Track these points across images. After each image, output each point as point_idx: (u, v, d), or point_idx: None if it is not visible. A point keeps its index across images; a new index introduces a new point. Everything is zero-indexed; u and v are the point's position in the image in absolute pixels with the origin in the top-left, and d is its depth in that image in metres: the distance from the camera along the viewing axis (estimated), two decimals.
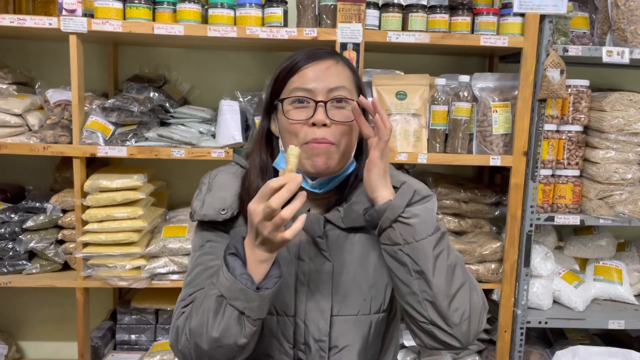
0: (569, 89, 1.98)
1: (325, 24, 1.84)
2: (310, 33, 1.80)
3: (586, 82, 2.00)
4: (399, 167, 2.03)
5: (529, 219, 1.91)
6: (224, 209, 1.08)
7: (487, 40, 1.84)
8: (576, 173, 2.02)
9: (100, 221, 1.83)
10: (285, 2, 1.85)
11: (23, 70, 2.14)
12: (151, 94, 1.96)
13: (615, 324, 1.98)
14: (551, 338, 2.30)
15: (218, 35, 1.78)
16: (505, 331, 1.98)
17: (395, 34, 1.83)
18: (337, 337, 1.08)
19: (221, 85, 2.26)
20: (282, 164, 1.10)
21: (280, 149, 1.12)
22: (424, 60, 2.29)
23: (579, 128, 2.01)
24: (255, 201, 0.91)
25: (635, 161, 1.98)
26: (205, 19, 1.85)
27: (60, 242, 1.97)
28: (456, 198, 2.04)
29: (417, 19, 1.86)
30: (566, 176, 2.01)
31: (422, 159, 1.88)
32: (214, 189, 1.11)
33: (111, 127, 1.89)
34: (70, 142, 1.84)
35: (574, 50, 1.87)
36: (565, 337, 2.26)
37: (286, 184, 0.89)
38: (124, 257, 1.86)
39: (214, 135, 1.97)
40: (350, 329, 1.09)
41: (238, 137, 1.90)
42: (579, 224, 1.98)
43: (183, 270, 1.90)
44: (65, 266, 1.99)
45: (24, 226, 1.91)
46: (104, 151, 1.81)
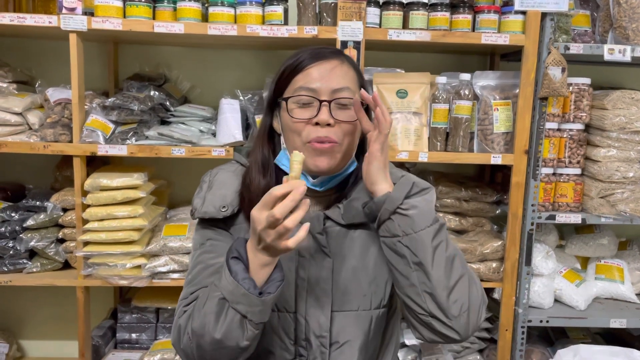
0: (571, 87, 1.97)
1: (326, 22, 1.84)
2: (310, 31, 1.79)
3: (587, 80, 2.00)
4: (399, 166, 2.02)
5: (530, 217, 1.91)
6: (224, 207, 1.08)
7: (488, 38, 1.83)
8: (577, 171, 2.02)
9: (101, 220, 1.83)
10: (286, 0, 1.85)
11: (23, 68, 2.13)
12: (151, 93, 1.96)
13: (617, 323, 1.98)
14: (552, 337, 2.29)
15: (218, 34, 1.78)
16: (506, 330, 1.98)
17: (396, 32, 1.82)
18: (338, 333, 1.09)
19: (222, 83, 2.26)
20: (284, 161, 1.11)
21: (282, 146, 1.12)
22: (424, 59, 2.28)
23: (580, 126, 2.00)
24: (258, 208, 0.91)
25: (637, 159, 1.97)
26: (205, 17, 1.84)
27: (61, 241, 1.97)
28: (457, 197, 2.03)
29: (418, 16, 1.86)
30: (567, 175, 2.01)
31: (423, 157, 1.87)
32: (215, 187, 1.12)
33: (111, 126, 1.89)
34: (71, 141, 1.84)
35: (576, 48, 1.87)
36: (567, 336, 2.26)
37: (290, 193, 0.88)
38: (124, 256, 1.86)
39: (214, 134, 1.96)
40: (350, 324, 1.09)
41: (238, 136, 1.90)
42: (580, 222, 1.97)
43: (183, 269, 1.90)
44: (66, 265, 1.99)
45: (25, 225, 1.91)
46: (104, 150, 1.81)
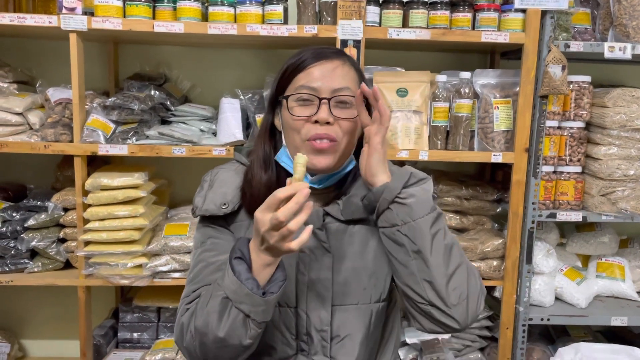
0: (571, 85, 1.97)
1: (326, 21, 1.84)
2: (310, 30, 1.79)
3: (588, 78, 2.00)
4: (400, 164, 2.02)
5: (531, 215, 1.91)
6: (224, 204, 1.10)
7: (488, 36, 1.83)
8: (578, 169, 2.02)
9: (102, 219, 1.83)
10: None
11: (24, 69, 2.14)
12: (152, 92, 1.96)
13: (618, 321, 1.98)
14: (553, 335, 2.30)
15: (218, 33, 1.78)
16: (507, 328, 1.98)
17: (395, 31, 1.82)
18: (339, 327, 1.10)
19: (222, 83, 2.26)
20: (284, 158, 1.12)
21: (283, 143, 1.14)
22: (424, 57, 2.28)
23: (580, 124, 2.00)
24: (262, 210, 0.92)
25: (638, 157, 1.97)
26: (205, 17, 1.85)
27: (62, 241, 1.97)
28: (458, 195, 2.03)
29: (418, 15, 1.86)
30: (568, 173, 2.01)
31: (424, 155, 1.87)
32: (216, 186, 1.13)
33: (112, 126, 1.89)
34: (71, 141, 1.84)
35: (576, 46, 1.87)
36: (568, 334, 2.26)
37: (294, 196, 0.89)
38: (125, 256, 1.86)
39: (214, 133, 1.96)
40: (351, 318, 1.11)
41: (239, 135, 1.90)
42: (581, 220, 1.97)
43: (185, 268, 1.90)
44: (67, 265, 1.99)
45: (26, 225, 1.91)
46: (104, 149, 1.81)
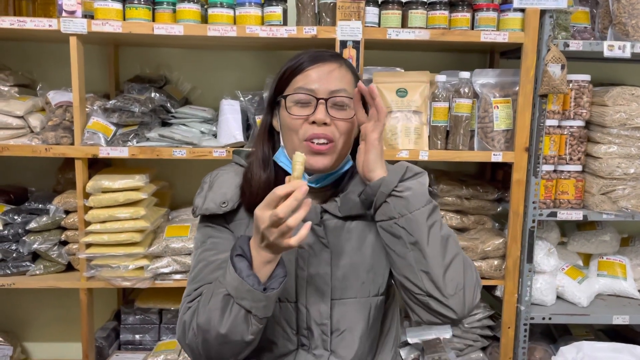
0: (570, 84, 1.97)
1: (325, 22, 1.84)
2: (309, 31, 1.80)
3: (587, 77, 2.00)
4: None
5: (532, 214, 1.91)
6: (224, 202, 1.12)
7: (488, 36, 1.83)
8: (578, 168, 2.02)
9: (103, 222, 1.83)
10: (285, 1, 1.85)
11: (24, 72, 2.14)
12: (152, 95, 1.96)
13: (619, 319, 1.98)
14: (555, 334, 2.29)
15: (218, 35, 1.78)
16: (508, 327, 1.98)
17: (395, 31, 1.82)
18: (338, 320, 1.13)
19: (222, 84, 2.26)
20: (282, 158, 1.15)
21: (281, 144, 1.16)
22: (424, 57, 2.28)
23: (580, 123, 2.00)
24: (262, 207, 0.94)
25: (638, 155, 1.97)
26: (205, 19, 1.85)
27: (64, 243, 1.97)
28: (458, 195, 2.03)
29: (417, 15, 1.86)
30: (568, 171, 2.01)
31: (424, 155, 1.88)
32: (215, 186, 1.16)
33: (113, 128, 1.89)
34: (72, 144, 1.85)
35: (575, 45, 1.87)
36: (570, 333, 2.25)
37: (293, 193, 0.91)
38: (127, 258, 1.86)
39: (215, 135, 1.97)
40: (350, 312, 1.13)
41: (239, 137, 1.90)
42: (581, 219, 1.97)
43: (186, 269, 1.90)
44: (69, 267, 2.00)
45: (27, 227, 1.91)
46: (105, 152, 1.82)
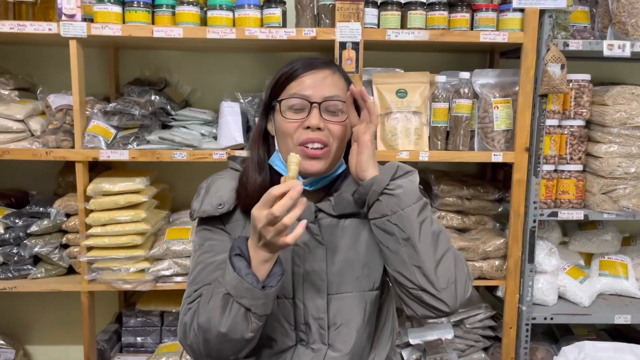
0: (570, 84, 1.97)
1: (324, 24, 1.84)
2: (309, 33, 1.80)
3: (587, 76, 2.00)
4: None
5: (532, 214, 1.91)
6: (220, 204, 1.16)
7: (487, 36, 1.83)
8: (579, 168, 2.02)
9: (104, 225, 1.83)
10: (284, 3, 1.85)
11: (24, 75, 2.15)
12: (152, 97, 1.96)
13: (621, 319, 1.98)
14: (557, 334, 2.29)
15: (217, 37, 1.78)
16: (510, 328, 1.97)
17: (394, 32, 1.82)
18: (335, 315, 1.16)
19: (222, 86, 2.26)
20: (277, 162, 1.18)
21: (276, 148, 1.19)
22: (424, 58, 2.28)
23: (581, 122, 2.00)
24: (259, 207, 0.97)
25: (639, 155, 1.97)
26: (204, 21, 1.85)
27: (65, 246, 1.98)
28: (459, 195, 2.03)
29: (416, 16, 1.86)
30: (569, 171, 2.01)
31: (424, 156, 1.88)
32: (212, 190, 1.19)
33: (113, 131, 1.89)
34: (73, 147, 1.85)
35: (575, 45, 1.87)
36: (572, 333, 2.25)
37: (288, 192, 0.95)
38: (128, 260, 1.87)
39: (215, 137, 1.97)
40: (346, 306, 1.16)
41: (239, 138, 1.90)
42: (582, 219, 1.97)
43: (187, 272, 1.90)
44: (70, 270, 2.00)
45: (29, 231, 1.92)
46: (106, 155, 1.82)
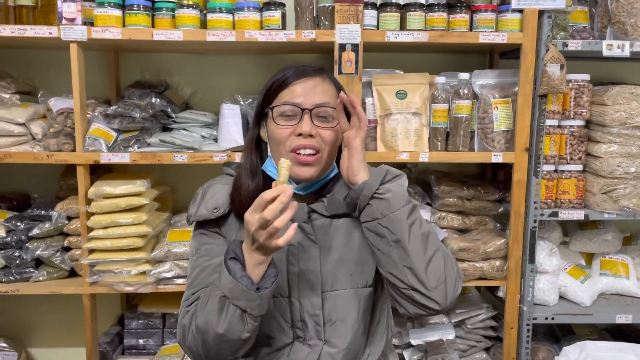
0: (570, 84, 1.97)
1: (324, 26, 1.85)
2: (308, 35, 1.80)
3: (587, 77, 2.00)
4: (400, 167, 2.03)
5: (533, 214, 1.91)
6: (216, 208, 1.19)
7: (486, 37, 1.84)
8: (579, 168, 2.02)
9: (105, 227, 1.84)
10: (283, 5, 1.86)
11: (25, 79, 2.15)
12: (153, 100, 1.97)
13: (622, 319, 1.98)
14: (558, 334, 2.29)
15: (217, 40, 1.79)
16: (511, 328, 1.98)
17: (393, 34, 1.83)
18: (330, 312, 1.19)
19: (222, 89, 2.26)
20: (270, 168, 1.21)
21: (269, 154, 1.22)
22: (423, 59, 2.29)
23: (580, 123, 2.00)
24: (251, 211, 1.01)
25: (639, 154, 1.97)
26: (204, 24, 1.86)
27: (67, 249, 1.98)
28: (459, 196, 2.03)
29: (415, 18, 1.86)
30: (569, 171, 2.01)
31: (424, 157, 1.88)
32: (207, 195, 1.23)
33: (114, 134, 1.90)
34: (74, 150, 1.86)
35: (574, 45, 1.87)
36: (573, 333, 2.25)
37: (279, 196, 0.98)
38: (129, 263, 1.87)
39: (216, 139, 1.97)
40: (341, 303, 1.20)
41: (240, 140, 1.90)
42: (583, 219, 1.97)
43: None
44: (72, 273, 2.00)
45: (30, 234, 1.92)
46: (107, 158, 1.83)
